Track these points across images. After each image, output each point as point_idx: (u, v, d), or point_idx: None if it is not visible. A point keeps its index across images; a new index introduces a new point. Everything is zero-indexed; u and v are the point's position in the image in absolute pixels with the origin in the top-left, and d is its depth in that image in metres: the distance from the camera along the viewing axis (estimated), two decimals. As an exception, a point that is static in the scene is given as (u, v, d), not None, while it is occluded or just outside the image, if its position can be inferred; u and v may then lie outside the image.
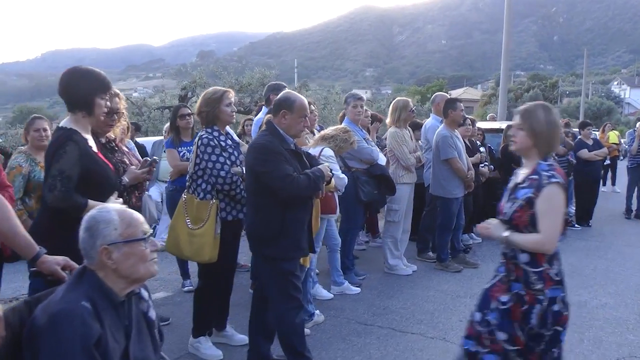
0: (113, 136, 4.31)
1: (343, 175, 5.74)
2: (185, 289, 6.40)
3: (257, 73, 15.04)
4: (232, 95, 4.60)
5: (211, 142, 4.39)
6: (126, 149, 5.50)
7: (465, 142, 8.14)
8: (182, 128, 6.15)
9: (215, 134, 4.48)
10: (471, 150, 8.21)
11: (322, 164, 4.31)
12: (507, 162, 9.08)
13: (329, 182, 4.25)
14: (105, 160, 3.54)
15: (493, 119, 15.22)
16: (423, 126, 8.15)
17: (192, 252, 4.42)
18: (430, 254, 7.83)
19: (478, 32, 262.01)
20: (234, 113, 4.60)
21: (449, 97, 7.79)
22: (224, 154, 4.40)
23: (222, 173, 4.33)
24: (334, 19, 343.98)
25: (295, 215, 3.96)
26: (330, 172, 4.31)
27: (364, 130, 6.84)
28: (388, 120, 7.24)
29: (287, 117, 4.02)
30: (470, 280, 6.87)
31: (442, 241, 7.39)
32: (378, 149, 6.84)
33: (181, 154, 6.03)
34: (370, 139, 6.94)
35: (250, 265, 6.21)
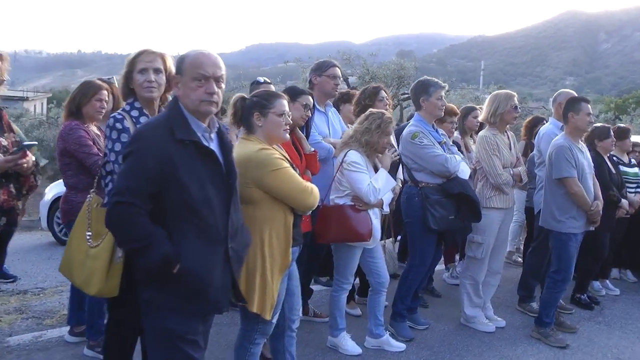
0: None
1: (368, 187, 4.18)
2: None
3: (393, 64, 13.25)
4: (154, 58, 3.18)
5: (117, 125, 3.04)
6: (96, 132, 4.35)
7: (605, 161, 6.08)
8: None
9: (135, 113, 3.12)
10: (610, 171, 6.10)
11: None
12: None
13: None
14: None
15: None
16: (537, 133, 6.14)
17: (82, 279, 3.08)
18: (534, 305, 5.80)
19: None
20: (154, 85, 3.14)
21: (574, 95, 5.68)
22: (135, 143, 3.00)
23: (126, 170, 2.95)
24: (538, 24, 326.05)
25: (191, 241, 2.48)
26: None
27: (441, 132, 5.08)
28: (482, 117, 5.38)
29: (180, 86, 2.58)
30: (571, 357, 4.83)
31: (551, 296, 5.18)
32: (461, 157, 5.03)
33: None
34: (452, 144, 5.18)
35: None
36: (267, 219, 3.26)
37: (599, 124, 6.60)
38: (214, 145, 2.69)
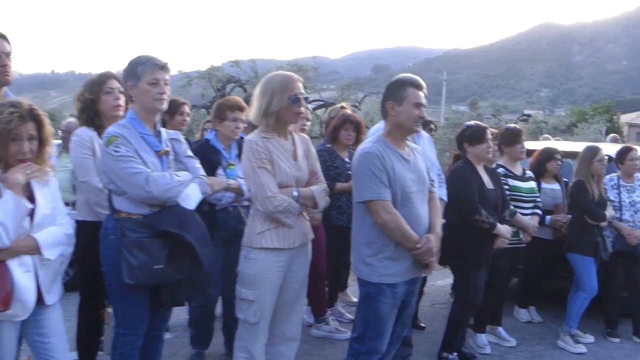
0: None
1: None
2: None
3: (288, 65, 11.53)
4: None
5: None
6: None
7: (476, 173, 4.50)
8: None
9: None
10: (483, 187, 4.48)
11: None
12: (578, 208, 5.31)
13: None
14: None
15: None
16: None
17: None
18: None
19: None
20: None
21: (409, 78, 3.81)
22: None
23: None
24: (513, 36, 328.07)
25: None
26: None
27: (171, 135, 3.32)
28: (251, 116, 3.57)
29: None
30: None
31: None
32: (193, 177, 3.24)
33: None
34: (190, 156, 3.40)
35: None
36: None
37: (472, 122, 4.94)
38: None
